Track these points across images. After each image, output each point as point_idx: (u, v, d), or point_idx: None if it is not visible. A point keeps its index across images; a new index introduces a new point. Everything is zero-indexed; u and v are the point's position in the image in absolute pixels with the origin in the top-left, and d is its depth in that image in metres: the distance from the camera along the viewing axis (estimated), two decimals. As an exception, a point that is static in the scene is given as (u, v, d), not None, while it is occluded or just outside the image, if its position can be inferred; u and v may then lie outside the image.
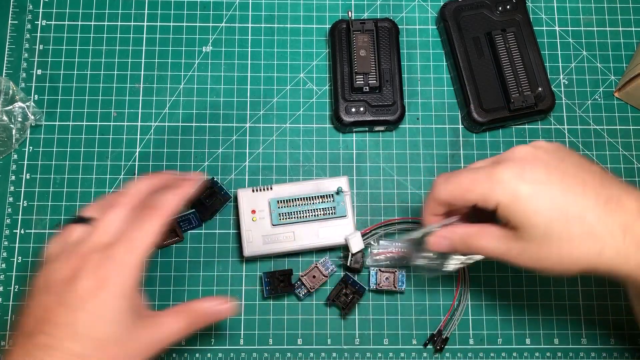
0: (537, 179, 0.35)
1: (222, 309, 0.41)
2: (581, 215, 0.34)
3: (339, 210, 0.50)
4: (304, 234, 0.50)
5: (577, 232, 0.34)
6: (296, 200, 0.50)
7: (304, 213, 0.50)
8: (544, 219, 0.35)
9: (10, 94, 0.54)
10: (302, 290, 0.51)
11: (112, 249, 0.37)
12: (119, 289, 0.36)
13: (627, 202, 0.35)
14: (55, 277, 0.36)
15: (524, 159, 0.37)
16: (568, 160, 0.37)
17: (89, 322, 0.34)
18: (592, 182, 0.35)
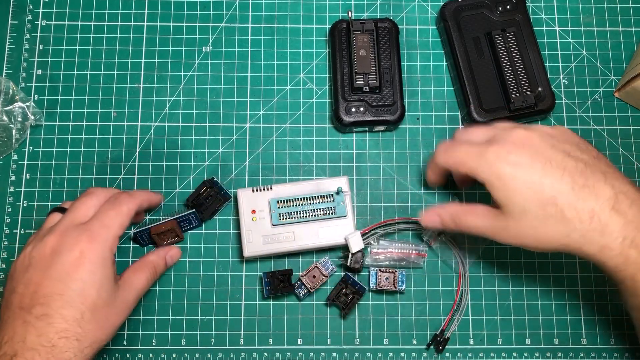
0: (520, 162, 0.39)
1: (172, 254, 0.48)
2: (554, 198, 0.38)
3: (339, 210, 0.50)
4: (304, 234, 0.49)
5: (550, 213, 0.38)
6: (296, 200, 0.50)
7: (304, 213, 0.50)
8: (521, 197, 0.39)
9: (10, 94, 0.54)
10: (302, 290, 0.51)
11: (88, 225, 0.41)
12: (99, 259, 0.40)
13: (601, 190, 0.37)
14: (37, 255, 0.40)
15: (514, 142, 0.40)
16: (559, 147, 0.40)
17: (78, 290, 0.38)
18: (573, 169, 0.38)
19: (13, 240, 0.53)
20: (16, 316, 0.38)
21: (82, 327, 0.38)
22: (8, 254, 0.52)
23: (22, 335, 0.37)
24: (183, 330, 0.51)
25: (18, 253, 0.52)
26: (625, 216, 0.37)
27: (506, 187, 0.39)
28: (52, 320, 0.37)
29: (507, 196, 0.39)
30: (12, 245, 0.53)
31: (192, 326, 0.51)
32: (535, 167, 0.39)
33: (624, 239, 0.37)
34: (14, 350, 0.36)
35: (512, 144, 0.40)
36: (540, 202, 0.38)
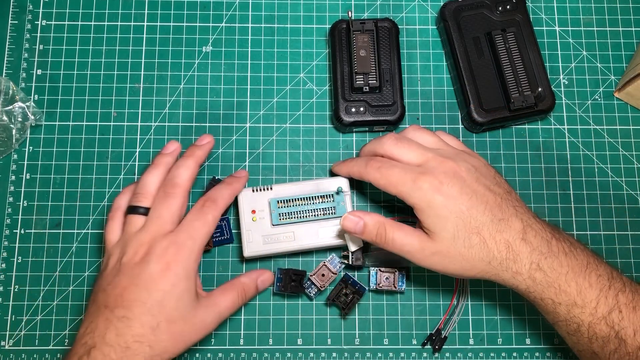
0: (451, 193, 0.42)
1: (264, 279, 0.48)
2: (478, 229, 0.42)
3: (339, 210, 0.50)
4: (304, 234, 0.49)
5: (475, 242, 0.42)
6: (296, 200, 0.50)
7: (304, 213, 0.50)
8: (452, 225, 0.42)
9: (10, 94, 0.54)
10: (313, 289, 0.51)
11: (176, 236, 0.42)
12: (183, 271, 0.41)
13: (514, 223, 0.42)
14: (127, 262, 0.42)
15: (446, 173, 0.43)
16: (481, 181, 0.44)
17: (159, 299, 0.40)
18: (493, 203, 0.43)
19: (13, 240, 0.53)
20: (100, 312, 0.40)
21: (156, 335, 0.40)
22: (8, 254, 0.52)
23: (103, 331, 0.39)
24: (183, 330, 0.51)
25: (33, 254, 0.52)
26: (532, 245, 0.42)
27: (437, 215, 0.42)
28: (131, 323, 0.39)
29: (439, 223, 0.42)
30: (12, 245, 0.53)
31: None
32: (463, 198, 0.42)
33: (530, 264, 0.42)
34: (93, 342, 0.39)
35: (444, 174, 0.43)
36: (467, 231, 0.42)
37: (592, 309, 0.41)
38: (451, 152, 0.45)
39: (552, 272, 0.41)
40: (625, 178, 0.55)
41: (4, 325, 0.51)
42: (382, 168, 0.45)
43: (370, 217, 0.44)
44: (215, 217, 0.44)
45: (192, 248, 0.42)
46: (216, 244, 0.51)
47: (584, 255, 0.42)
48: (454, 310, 0.52)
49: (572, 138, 0.56)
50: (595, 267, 0.42)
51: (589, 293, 0.41)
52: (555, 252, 0.42)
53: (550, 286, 0.42)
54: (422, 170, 0.43)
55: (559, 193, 0.54)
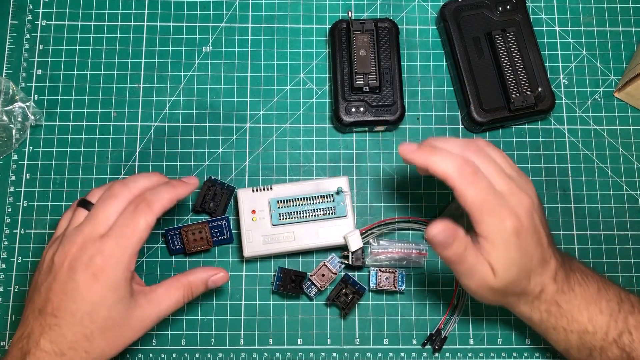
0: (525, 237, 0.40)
1: (216, 279, 0.45)
2: (530, 273, 0.41)
3: (339, 210, 0.50)
4: (304, 234, 0.49)
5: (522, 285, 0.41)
6: (296, 200, 0.50)
7: (304, 213, 0.50)
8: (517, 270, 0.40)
9: (10, 94, 0.54)
10: (313, 289, 0.51)
11: (104, 243, 0.39)
12: (112, 281, 0.39)
13: (551, 263, 0.42)
14: (58, 262, 0.40)
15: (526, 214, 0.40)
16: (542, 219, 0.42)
17: (88, 310, 0.39)
18: (545, 244, 0.41)
19: (13, 241, 0.53)
20: (35, 317, 0.40)
21: (91, 342, 0.39)
22: (8, 254, 0.52)
23: (37, 337, 0.39)
24: (183, 330, 0.51)
25: (33, 254, 0.52)
26: (558, 284, 0.42)
27: (508, 258, 0.40)
28: (63, 332, 0.39)
29: (505, 265, 0.40)
30: (12, 245, 0.53)
31: (192, 326, 0.51)
32: (531, 242, 0.40)
33: (551, 301, 0.42)
34: (28, 347, 0.39)
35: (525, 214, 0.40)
36: (523, 275, 0.41)
37: (604, 334, 0.41)
38: (523, 182, 0.42)
39: (567, 305, 0.42)
40: (625, 178, 0.55)
41: (4, 325, 0.51)
42: (477, 185, 0.39)
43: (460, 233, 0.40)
44: (148, 222, 0.40)
45: (120, 258, 0.39)
46: (216, 244, 0.51)
47: (594, 282, 0.43)
48: (454, 310, 0.52)
49: (572, 138, 0.56)
50: (605, 292, 0.42)
51: (599, 319, 0.41)
52: (572, 285, 0.42)
53: (563, 316, 0.42)
54: (510, 208, 0.40)
55: (559, 193, 0.54)
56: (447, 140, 0.42)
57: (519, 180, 0.42)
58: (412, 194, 0.54)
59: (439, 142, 0.42)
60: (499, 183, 0.40)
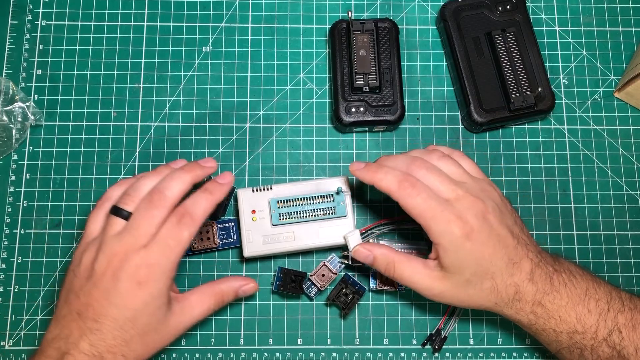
0: (479, 240, 0.41)
1: (246, 289, 0.46)
2: (493, 274, 0.42)
3: (338, 210, 0.50)
4: (304, 234, 0.49)
5: (486, 286, 0.42)
6: (296, 200, 0.50)
7: (304, 213, 0.50)
8: (470, 270, 0.42)
9: (10, 94, 0.54)
10: (313, 289, 0.51)
11: (149, 254, 0.40)
12: (155, 289, 0.40)
13: (524, 265, 0.42)
14: (99, 270, 0.40)
15: (477, 217, 0.42)
16: (504, 222, 0.43)
17: (130, 316, 0.40)
18: (511, 246, 0.42)
19: (13, 240, 0.53)
20: (73, 318, 0.40)
21: (129, 346, 0.40)
22: (8, 254, 0.52)
23: (77, 339, 0.39)
24: (183, 330, 0.51)
25: (33, 254, 0.52)
26: (537, 285, 0.42)
27: (460, 259, 0.42)
28: (103, 336, 0.39)
29: (459, 266, 0.42)
30: (12, 245, 0.53)
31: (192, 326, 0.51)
32: (489, 245, 0.42)
33: (533, 302, 0.42)
34: (67, 348, 0.39)
35: (475, 218, 0.41)
36: (482, 276, 0.42)
37: (593, 333, 0.42)
38: (476, 187, 0.44)
39: (552, 306, 0.42)
40: (625, 178, 0.55)
41: (4, 325, 0.51)
42: (418, 196, 0.42)
43: (380, 251, 0.45)
44: (191, 233, 0.42)
45: (164, 267, 0.41)
46: (223, 247, 0.51)
47: (583, 282, 0.43)
48: (454, 310, 0.52)
49: (572, 138, 0.56)
50: (594, 292, 0.43)
51: (588, 319, 0.42)
52: (556, 286, 0.42)
53: (551, 318, 0.42)
54: (456, 212, 0.41)
55: (559, 193, 0.54)
56: (394, 158, 0.45)
57: (472, 185, 0.44)
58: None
59: (385, 161, 0.45)
60: (444, 191, 0.42)
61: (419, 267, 0.43)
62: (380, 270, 0.45)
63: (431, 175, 0.43)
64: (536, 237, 0.54)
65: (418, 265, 0.44)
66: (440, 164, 0.45)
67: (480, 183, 0.45)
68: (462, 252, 0.41)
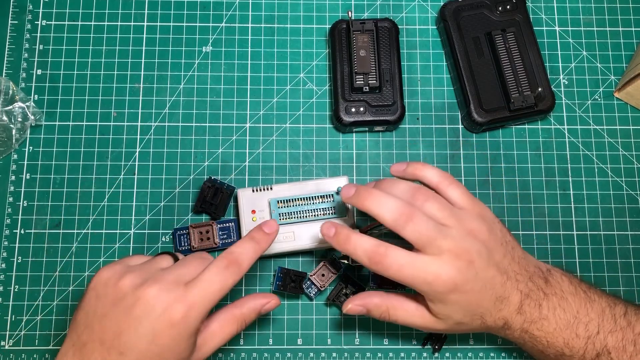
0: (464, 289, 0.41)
1: (269, 307, 0.44)
2: (482, 315, 0.42)
3: (338, 210, 0.50)
4: (304, 234, 0.49)
5: (476, 324, 0.43)
6: (296, 200, 0.50)
7: (303, 213, 0.50)
8: (459, 315, 0.42)
9: (10, 94, 0.54)
10: (313, 289, 0.51)
11: (189, 293, 0.39)
12: (187, 330, 0.38)
13: (513, 298, 0.42)
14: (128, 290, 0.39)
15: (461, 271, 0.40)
16: (492, 261, 0.42)
17: (158, 352, 0.38)
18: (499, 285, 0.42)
19: (13, 240, 0.53)
20: (96, 348, 0.38)
21: None
22: (8, 254, 0.52)
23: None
24: (183, 330, 0.51)
25: (33, 254, 0.52)
26: (525, 315, 0.42)
27: (447, 309, 0.42)
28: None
29: (447, 314, 0.42)
30: (12, 245, 0.53)
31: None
32: (475, 291, 0.41)
33: (521, 331, 0.43)
34: None
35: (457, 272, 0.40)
36: (472, 317, 0.42)
37: (580, 356, 0.42)
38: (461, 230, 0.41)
39: (540, 333, 0.43)
40: (625, 178, 0.55)
41: (4, 325, 0.51)
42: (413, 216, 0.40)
43: (372, 302, 0.44)
44: (235, 282, 0.40)
45: (201, 309, 0.39)
46: (223, 247, 0.51)
47: (573, 304, 0.43)
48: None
49: (572, 138, 0.56)
50: (585, 314, 0.42)
51: (576, 343, 0.42)
52: (544, 314, 0.42)
53: (539, 342, 0.43)
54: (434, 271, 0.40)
55: (559, 193, 0.54)
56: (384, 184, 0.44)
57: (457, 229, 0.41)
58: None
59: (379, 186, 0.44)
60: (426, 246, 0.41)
61: (411, 310, 0.44)
62: (376, 318, 0.45)
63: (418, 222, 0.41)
64: (536, 237, 0.54)
65: (410, 308, 0.44)
66: (426, 206, 0.42)
67: (467, 217, 0.42)
68: (448, 303, 0.41)
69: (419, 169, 0.45)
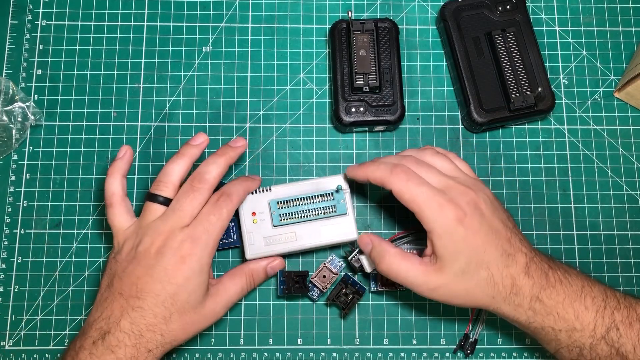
0: (472, 226, 0.42)
1: (274, 265, 0.49)
2: (488, 263, 0.42)
3: (339, 208, 0.49)
4: (306, 233, 0.49)
5: (482, 277, 0.42)
6: (296, 200, 0.50)
7: (304, 213, 0.49)
8: (465, 258, 0.42)
9: (10, 94, 0.54)
10: (315, 292, 0.51)
11: (192, 230, 0.43)
12: (198, 265, 0.43)
13: (519, 257, 0.43)
14: (143, 251, 0.43)
15: (468, 204, 0.42)
16: (497, 214, 0.44)
17: (172, 292, 0.42)
18: (505, 237, 0.43)
19: (13, 240, 0.53)
20: (115, 299, 0.42)
21: (168, 325, 0.42)
22: (8, 254, 0.52)
23: (118, 318, 0.41)
24: (183, 330, 0.51)
25: (33, 254, 0.52)
26: (533, 278, 0.42)
27: (454, 246, 0.42)
28: (144, 313, 0.41)
29: (453, 253, 0.42)
30: (12, 245, 0.53)
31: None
32: (482, 232, 0.42)
33: (531, 297, 0.42)
34: (108, 327, 0.41)
35: (467, 204, 0.42)
36: (478, 265, 0.42)
37: (591, 331, 0.42)
38: (469, 180, 0.45)
39: (550, 302, 0.42)
40: (625, 178, 0.55)
41: (4, 325, 0.51)
42: (410, 181, 0.43)
43: (379, 242, 0.45)
44: (229, 211, 0.45)
45: (207, 242, 0.43)
46: (222, 247, 0.51)
47: (578, 280, 0.43)
48: (479, 312, 0.52)
49: (572, 138, 0.56)
50: (590, 290, 0.43)
51: (586, 316, 0.42)
52: (552, 282, 0.43)
53: (549, 314, 0.42)
54: (447, 198, 0.42)
55: (559, 193, 0.55)
56: (387, 157, 0.47)
57: (464, 178, 0.45)
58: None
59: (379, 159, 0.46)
60: (435, 181, 0.44)
61: (415, 264, 0.43)
62: (374, 260, 0.45)
63: (423, 167, 0.44)
64: (536, 237, 0.54)
65: (413, 260, 0.44)
66: (434, 160, 0.46)
67: (473, 180, 0.45)
68: (455, 236, 0.42)
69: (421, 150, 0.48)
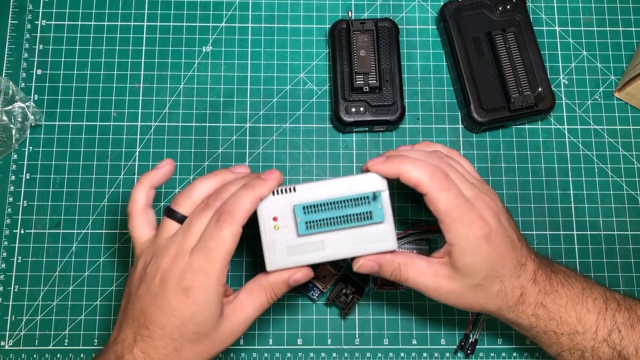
0: (496, 243, 0.40)
1: (297, 277, 0.41)
2: (503, 277, 0.41)
3: (376, 215, 0.41)
4: (336, 242, 0.41)
5: (494, 289, 0.41)
6: (325, 205, 0.41)
7: (335, 220, 0.41)
8: (482, 274, 0.40)
9: (10, 94, 0.54)
10: (316, 292, 0.51)
11: (193, 258, 0.38)
12: (203, 297, 0.38)
13: (528, 266, 0.42)
14: (150, 274, 0.39)
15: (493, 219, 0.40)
16: (512, 225, 0.42)
17: (179, 325, 0.38)
18: (519, 248, 0.42)
19: (13, 240, 0.53)
20: (128, 324, 0.40)
21: (181, 354, 0.39)
22: (8, 254, 0.52)
23: (131, 344, 0.39)
24: (183, 330, 0.51)
25: (33, 254, 0.52)
26: (539, 285, 0.42)
27: (475, 262, 0.40)
28: (154, 343, 0.39)
29: (471, 269, 0.40)
30: (12, 245, 0.53)
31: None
32: (502, 247, 0.40)
33: (535, 304, 0.42)
34: (122, 352, 0.39)
35: (492, 219, 0.40)
36: (493, 279, 0.41)
37: (593, 334, 0.42)
38: (485, 188, 0.43)
39: (553, 306, 0.42)
40: (625, 178, 0.55)
41: (4, 325, 0.51)
42: (449, 192, 0.39)
43: (384, 257, 0.41)
44: (233, 232, 0.38)
45: (209, 273, 0.38)
46: None
47: (578, 282, 0.43)
48: (479, 315, 0.52)
49: (572, 138, 0.56)
50: (590, 292, 0.43)
51: (588, 319, 0.42)
52: (555, 286, 0.42)
53: (552, 319, 0.42)
54: (478, 213, 0.40)
55: (559, 193, 0.54)
56: (414, 151, 0.43)
57: (481, 186, 0.43)
58: (412, 193, 0.54)
59: (405, 152, 0.42)
60: (464, 189, 0.41)
61: (422, 268, 0.41)
62: (386, 277, 0.42)
63: (454, 171, 0.42)
64: (536, 237, 0.54)
65: (422, 265, 0.41)
66: (453, 161, 0.43)
67: (486, 185, 0.44)
68: (479, 255, 0.40)
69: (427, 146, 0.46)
